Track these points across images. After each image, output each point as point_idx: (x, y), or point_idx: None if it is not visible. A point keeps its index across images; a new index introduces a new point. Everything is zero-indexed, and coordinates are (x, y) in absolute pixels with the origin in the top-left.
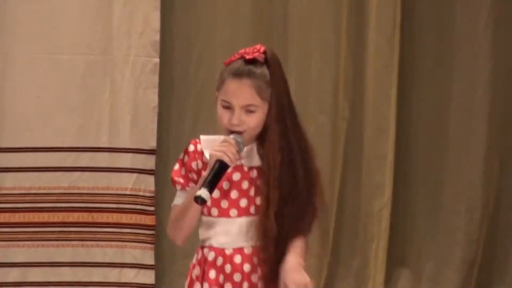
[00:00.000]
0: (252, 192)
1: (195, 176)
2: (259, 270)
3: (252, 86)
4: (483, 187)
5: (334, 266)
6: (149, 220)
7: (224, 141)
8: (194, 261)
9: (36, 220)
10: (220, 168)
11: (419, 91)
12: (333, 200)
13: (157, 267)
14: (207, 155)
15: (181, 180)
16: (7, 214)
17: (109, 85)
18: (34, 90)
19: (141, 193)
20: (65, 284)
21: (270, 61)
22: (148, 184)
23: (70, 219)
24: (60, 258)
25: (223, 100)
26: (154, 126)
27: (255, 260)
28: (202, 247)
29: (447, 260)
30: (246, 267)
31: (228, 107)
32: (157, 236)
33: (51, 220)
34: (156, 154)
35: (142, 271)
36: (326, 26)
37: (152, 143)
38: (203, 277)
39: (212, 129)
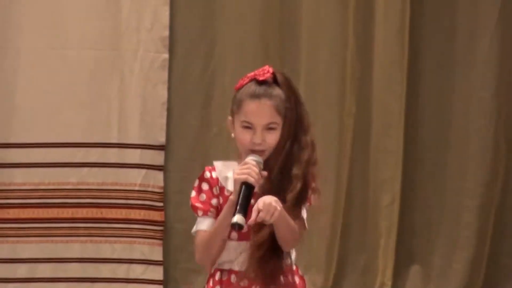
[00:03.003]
0: None
1: (215, 202)
2: None
3: (271, 105)
4: (491, 183)
5: (343, 262)
6: (157, 216)
7: (244, 163)
8: (211, 284)
9: (45, 216)
10: (248, 190)
11: (426, 87)
12: (341, 196)
13: (166, 263)
14: (222, 180)
15: (202, 206)
16: (16, 210)
17: (118, 80)
18: (43, 85)
19: (150, 189)
20: (74, 280)
21: (281, 82)
22: (157, 180)
23: (79, 215)
24: (69, 254)
25: (244, 121)
26: (163, 121)
27: None
28: (221, 270)
29: (456, 255)
30: None
31: (249, 127)
32: (165, 232)
33: (60, 216)
34: (165, 150)
35: (151, 267)
36: (334, 22)
37: (161, 139)
38: None
39: (218, 127)
